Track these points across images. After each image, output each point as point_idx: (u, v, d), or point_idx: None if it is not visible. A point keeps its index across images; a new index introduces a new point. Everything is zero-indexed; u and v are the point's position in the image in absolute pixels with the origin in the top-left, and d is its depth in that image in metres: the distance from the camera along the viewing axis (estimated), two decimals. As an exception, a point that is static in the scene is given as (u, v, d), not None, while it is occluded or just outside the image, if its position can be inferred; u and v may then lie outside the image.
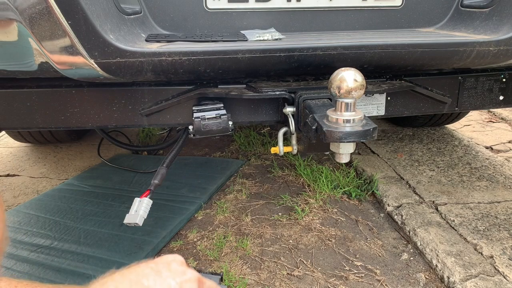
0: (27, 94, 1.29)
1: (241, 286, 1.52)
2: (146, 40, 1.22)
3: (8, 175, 2.56)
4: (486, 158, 2.50)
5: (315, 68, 1.27)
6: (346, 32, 1.49)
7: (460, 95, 1.53)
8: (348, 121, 1.05)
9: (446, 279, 1.51)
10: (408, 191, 2.09)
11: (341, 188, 2.17)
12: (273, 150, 1.43)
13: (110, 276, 0.60)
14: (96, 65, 1.07)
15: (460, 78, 1.51)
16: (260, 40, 1.25)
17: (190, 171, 2.47)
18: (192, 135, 1.30)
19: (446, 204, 1.97)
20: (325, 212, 2.00)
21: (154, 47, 1.13)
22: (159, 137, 3.10)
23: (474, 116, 3.41)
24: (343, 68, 1.07)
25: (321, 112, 1.15)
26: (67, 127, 1.35)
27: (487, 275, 1.48)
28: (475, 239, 1.69)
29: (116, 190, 2.25)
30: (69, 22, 1.00)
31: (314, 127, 1.12)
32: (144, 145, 2.95)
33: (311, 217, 1.95)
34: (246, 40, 1.25)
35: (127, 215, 1.23)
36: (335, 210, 2.02)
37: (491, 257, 1.58)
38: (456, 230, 1.76)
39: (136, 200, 1.26)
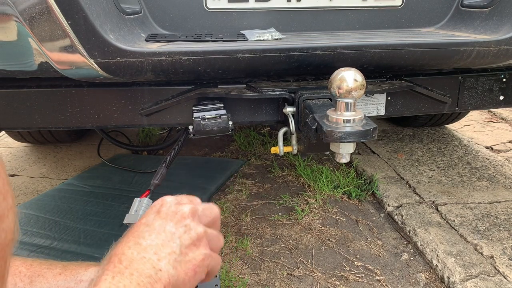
0: (27, 94, 1.29)
1: (241, 286, 1.52)
2: (146, 40, 1.22)
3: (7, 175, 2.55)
4: (486, 158, 2.50)
5: (315, 68, 1.27)
6: (346, 32, 1.49)
7: (460, 95, 1.53)
8: (348, 121, 1.05)
9: (446, 279, 1.51)
10: (408, 191, 2.09)
11: (341, 188, 2.17)
12: (273, 150, 1.42)
13: (114, 251, 0.58)
14: (96, 65, 1.07)
15: (460, 78, 1.51)
16: (260, 40, 1.25)
17: (190, 171, 2.47)
18: (192, 135, 1.30)
19: (446, 204, 1.97)
20: (325, 212, 2.00)
21: (154, 47, 1.13)
22: (159, 137, 3.10)
23: (474, 116, 3.40)
24: (343, 68, 1.07)
25: (321, 112, 1.15)
26: (67, 127, 1.35)
27: (487, 275, 1.47)
28: (475, 239, 1.69)
29: (116, 190, 2.25)
30: (69, 22, 1.00)
31: (314, 127, 1.12)
32: (144, 145, 2.94)
33: (311, 217, 1.95)
34: (246, 40, 1.25)
35: (127, 215, 1.23)
36: (335, 210, 2.02)
37: (492, 257, 1.58)
38: (456, 230, 1.76)
39: (136, 200, 1.26)
